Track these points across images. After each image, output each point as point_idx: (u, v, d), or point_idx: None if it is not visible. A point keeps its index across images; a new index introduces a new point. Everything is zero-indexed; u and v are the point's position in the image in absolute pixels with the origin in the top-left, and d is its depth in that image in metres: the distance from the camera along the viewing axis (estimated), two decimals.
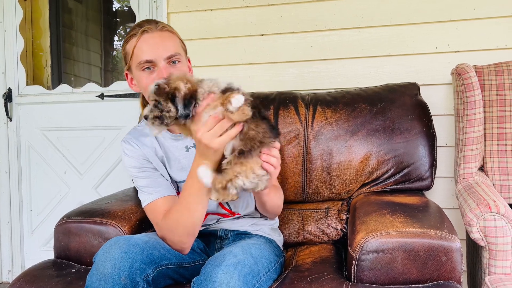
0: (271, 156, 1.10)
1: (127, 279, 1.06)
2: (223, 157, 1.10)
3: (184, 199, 1.19)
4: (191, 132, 1.09)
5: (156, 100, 1.06)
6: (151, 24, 1.27)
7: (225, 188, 1.06)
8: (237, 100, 1.02)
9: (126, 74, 1.34)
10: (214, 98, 1.05)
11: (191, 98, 1.04)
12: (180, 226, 1.20)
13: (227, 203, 1.40)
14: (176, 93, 1.04)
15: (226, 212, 1.41)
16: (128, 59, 1.29)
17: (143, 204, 1.31)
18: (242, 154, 1.06)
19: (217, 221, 1.43)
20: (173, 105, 1.04)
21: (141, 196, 1.33)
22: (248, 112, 1.04)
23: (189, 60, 1.38)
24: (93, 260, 1.10)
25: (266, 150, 1.10)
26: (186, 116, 1.04)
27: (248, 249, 1.15)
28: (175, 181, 1.38)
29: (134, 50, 1.25)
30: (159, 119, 1.06)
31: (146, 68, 1.25)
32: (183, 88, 1.05)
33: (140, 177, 1.33)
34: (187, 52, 1.37)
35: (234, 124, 1.05)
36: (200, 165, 1.09)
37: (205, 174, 1.08)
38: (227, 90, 1.05)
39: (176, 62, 1.26)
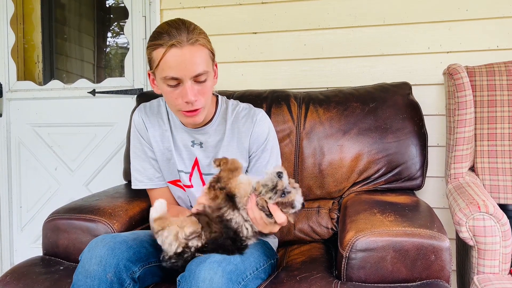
0: None
1: (113, 276, 1.05)
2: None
3: None
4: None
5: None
6: (181, 34, 1.15)
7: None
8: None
9: (149, 74, 1.28)
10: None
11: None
12: None
13: None
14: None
15: None
16: (154, 66, 1.20)
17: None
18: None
19: None
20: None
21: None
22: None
23: (216, 65, 1.32)
24: (79, 258, 1.10)
25: None
26: None
27: None
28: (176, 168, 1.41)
29: (160, 63, 1.16)
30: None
31: (171, 85, 1.19)
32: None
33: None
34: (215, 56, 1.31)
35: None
36: None
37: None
38: None
39: (203, 80, 1.21)
